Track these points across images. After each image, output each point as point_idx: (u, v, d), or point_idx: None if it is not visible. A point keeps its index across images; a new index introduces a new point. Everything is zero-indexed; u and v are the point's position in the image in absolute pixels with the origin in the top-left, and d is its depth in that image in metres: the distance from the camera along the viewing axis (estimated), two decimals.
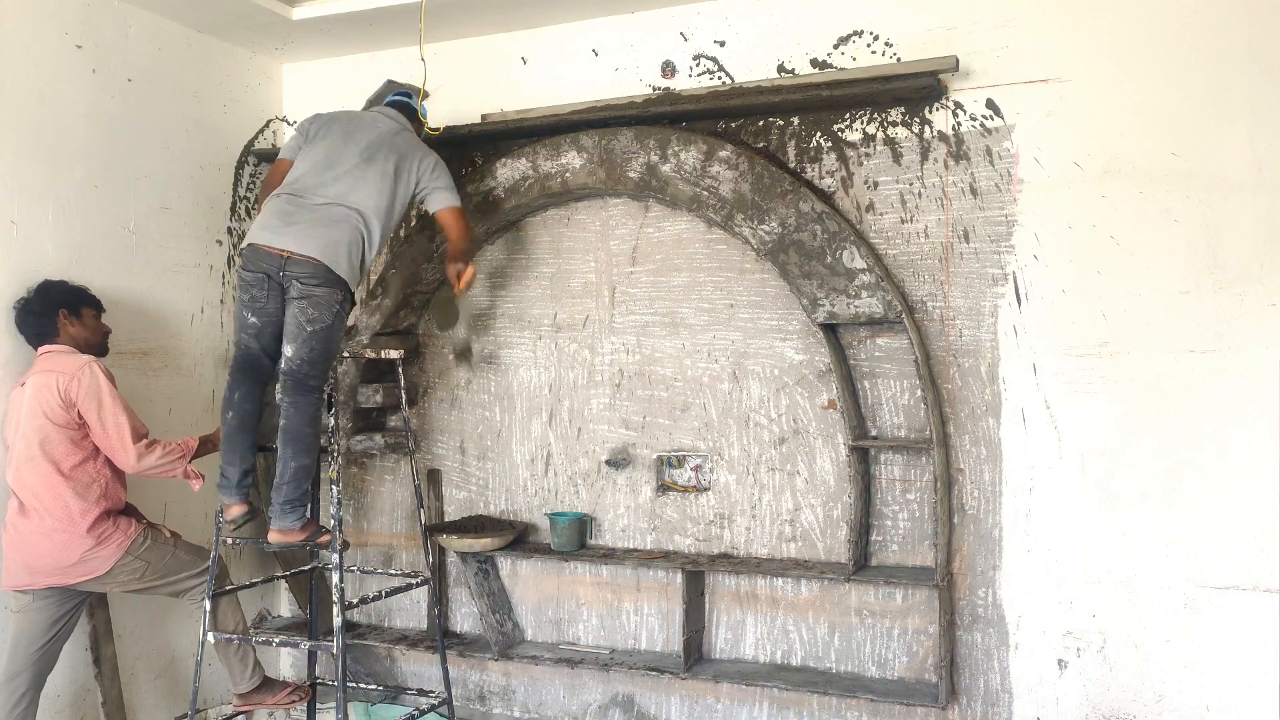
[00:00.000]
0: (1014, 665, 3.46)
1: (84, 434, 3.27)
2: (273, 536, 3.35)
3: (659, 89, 3.93)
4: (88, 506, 3.25)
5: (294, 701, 3.71)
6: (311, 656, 4.10)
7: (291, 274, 3.23)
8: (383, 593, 3.57)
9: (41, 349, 3.36)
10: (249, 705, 3.66)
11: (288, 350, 3.25)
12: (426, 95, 4.11)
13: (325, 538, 3.35)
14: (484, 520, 4.18)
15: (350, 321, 4.33)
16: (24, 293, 3.43)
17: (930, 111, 3.54)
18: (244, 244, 3.33)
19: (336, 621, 3.25)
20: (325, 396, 3.36)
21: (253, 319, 3.29)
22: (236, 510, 3.37)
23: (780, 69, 3.76)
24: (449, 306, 4.16)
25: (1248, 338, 3.17)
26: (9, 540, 3.27)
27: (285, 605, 4.61)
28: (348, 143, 3.44)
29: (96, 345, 3.49)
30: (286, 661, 4.60)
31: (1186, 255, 3.24)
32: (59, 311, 3.38)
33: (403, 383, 3.84)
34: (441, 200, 3.59)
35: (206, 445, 3.48)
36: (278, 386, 3.31)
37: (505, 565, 4.21)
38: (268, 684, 3.65)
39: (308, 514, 3.39)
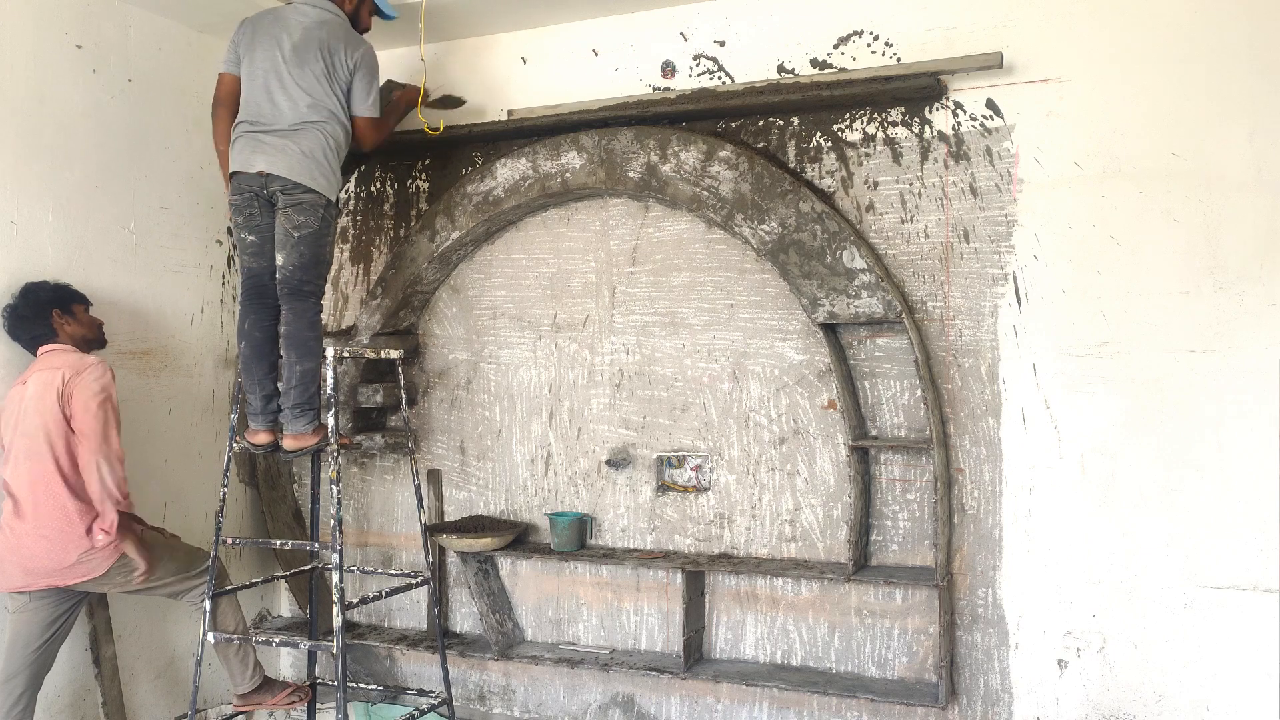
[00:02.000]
0: (1014, 665, 3.46)
1: None
2: (287, 443, 3.43)
3: (659, 89, 3.93)
4: (85, 507, 3.23)
5: (294, 702, 3.71)
6: (311, 656, 4.10)
7: (275, 187, 3.37)
8: (383, 593, 3.57)
9: (42, 349, 3.34)
10: (249, 705, 3.65)
11: (279, 259, 3.40)
12: (426, 96, 4.11)
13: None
14: (484, 520, 4.18)
15: (350, 321, 4.35)
16: (8, 299, 3.38)
17: (930, 111, 3.54)
18: (230, 173, 3.44)
19: (336, 621, 3.25)
20: (321, 303, 3.49)
21: (251, 237, 3.44)
22: (262, 437, 3.49)
23: (780, 69, 3.76)
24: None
25: (1248, 338, 3.17)
26: (4, 542, 3.23)
27: (285, 605, 4.61)
28: (277, 50, 3.44)
29: (95, 340, 3.48)
30: (286, 661, 4.59)
31: (1186, 255, 3.24)
32: (51, 312, 3.35)
33: (403, 383, 3.84)
34: (360, 106, 3.57)
35: (127, 519, 3.35)
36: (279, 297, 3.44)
37: (505, 565, 4.21)
38: (268, 684, 3.65)
39: (319, 419, 3.44)
